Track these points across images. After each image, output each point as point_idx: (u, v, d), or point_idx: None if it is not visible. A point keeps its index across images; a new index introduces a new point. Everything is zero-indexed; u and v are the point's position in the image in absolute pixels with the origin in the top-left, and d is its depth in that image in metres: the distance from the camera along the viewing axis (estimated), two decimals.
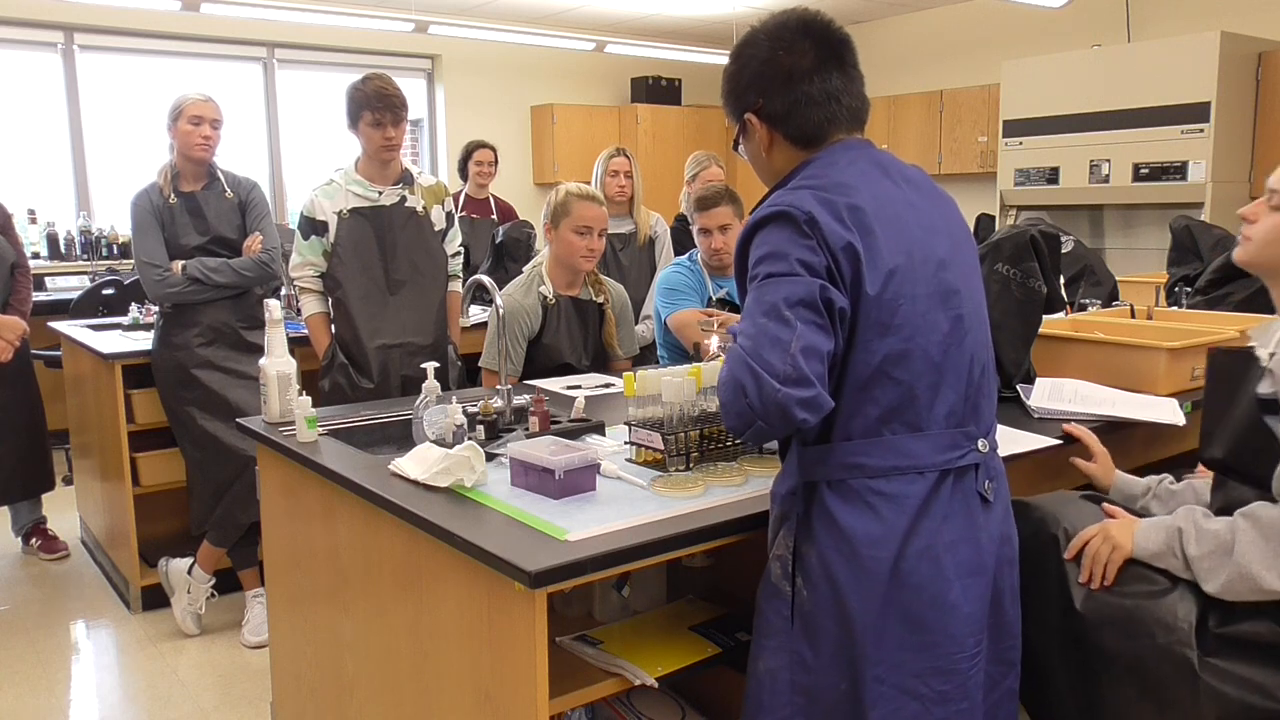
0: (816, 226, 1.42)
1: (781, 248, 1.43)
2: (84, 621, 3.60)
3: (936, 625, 1.48)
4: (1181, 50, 5.46)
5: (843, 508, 1.48)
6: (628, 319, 3.26)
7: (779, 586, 1.55)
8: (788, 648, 1.53)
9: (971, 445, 1.53)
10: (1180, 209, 5.08)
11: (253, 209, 3.42)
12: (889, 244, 1.46)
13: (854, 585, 1.46)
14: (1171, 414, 2.31)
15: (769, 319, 1.39)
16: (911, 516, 1.46)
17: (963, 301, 1.53)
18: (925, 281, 1.49)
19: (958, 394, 1.51)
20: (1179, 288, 3.68)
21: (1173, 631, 1.57)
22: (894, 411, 1.47)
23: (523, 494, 1.79)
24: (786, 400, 1.35)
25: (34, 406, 4.01)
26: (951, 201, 1.65)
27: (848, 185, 1.49)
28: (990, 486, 1.56)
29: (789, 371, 1.35)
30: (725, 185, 3.42)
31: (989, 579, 1.54)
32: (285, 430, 2.30)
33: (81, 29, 6.37)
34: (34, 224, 6.22)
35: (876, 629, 1.46)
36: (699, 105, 8.70)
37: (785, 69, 1.56)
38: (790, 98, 1.56)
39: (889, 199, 1.51)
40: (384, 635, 1.92)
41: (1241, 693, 1.51)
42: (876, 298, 1.44)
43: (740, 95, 1.62)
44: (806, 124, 1.57)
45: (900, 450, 1.47)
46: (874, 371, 1.45)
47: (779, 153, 1.61)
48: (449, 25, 6.37)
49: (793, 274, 1.40)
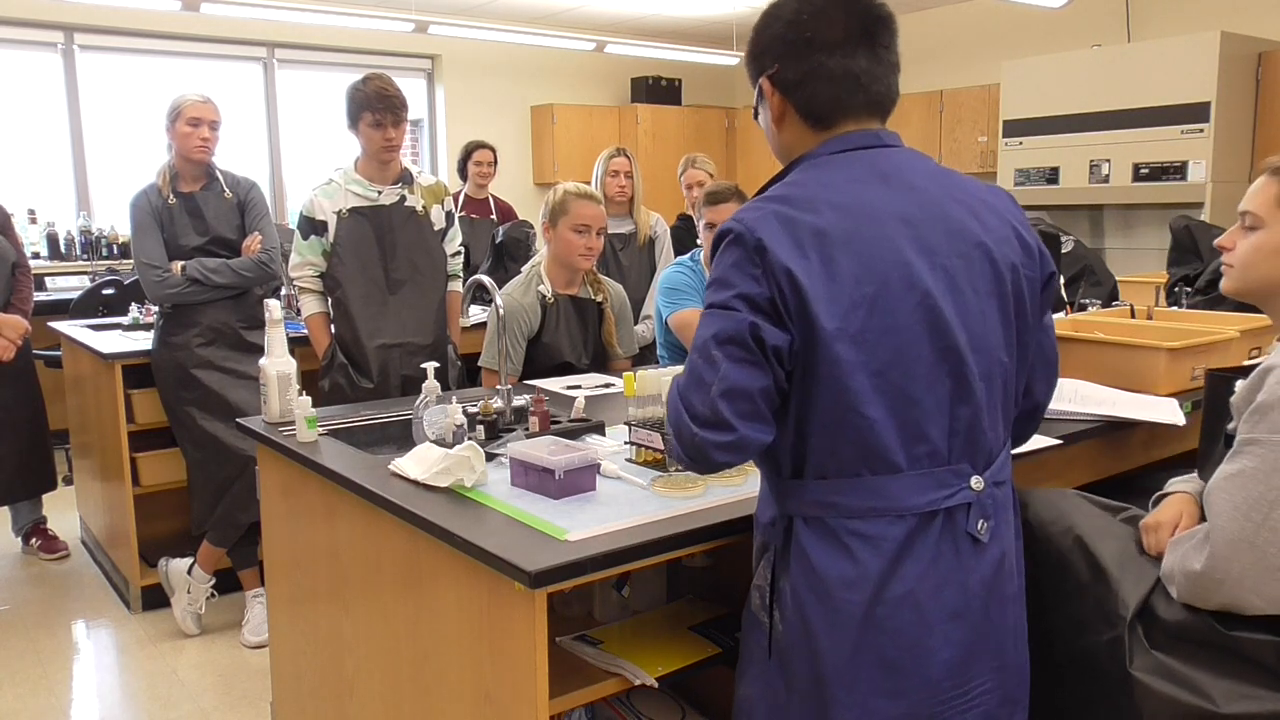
0: (765, 254, 1.33)
1: (727, 275, 1.37)
2: (84, 621, 3.60)
3: (913, 671, 1.40)
4: (1181, 50, 5.46)
5: (817, 546, 1.40)
6: (627, 318, 3.26)
7: (758, 617, 1.50)
8: (764, 679, 1.49)
9: (962, 484, 1.41)
10: (1180, 209, 5.07)
11: (252, 209, 3.43)
12: (857, 271, 1.34)
13: (825, 626, 1.39)
14: (1171, 414, 2.31)
15: (699, 357, 1.36)
16: (889, 559, 1.38)
17: (956, 331, 1.38)
18: (905, 310, 1.36)
19: (945, 430, 1.40)
20: (1179, 288, 3.68)
21: (1112, 626, 1.58)
22: (870, 450, 1.37)
23: (523, 494, 1.79)
24: (704, 444, 1.34)
25: (35, 406, 4.01)
26: (990, 206, 1.48)
27: (822, 202, 1.38)
28: (985, 526, 1.43)
29: (707, 415, 1.33)
30: (734, 183, 3.44)
31: (975, 622, 1.44)
32: (285, 430, 2.30)
33: (81, 29, 6.36)
34: (34, 224, 6.21)
35: (848, 673, 1.39)
36: (699, 105, 8.70)
37: (807, 35, 1.43)
38: (805, 67, 1.44)
39: (873, 217, 1.38)
40: (384, 635, 1.92)
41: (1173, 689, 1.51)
42: (838, 331, 1.33)
43: (758, 57, 1.50)
44: (816, 100, 1.45)
45: (878, 491, 1.38)
46: (842, 409, 1.35)
47: (789, 127, 1.50)
48: (449, 25, 6.37)
49: (726, 308, 1.35)
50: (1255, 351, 2.76)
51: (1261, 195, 1.69)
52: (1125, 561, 1.68)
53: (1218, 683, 1.49)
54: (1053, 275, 1.54)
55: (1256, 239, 1.69)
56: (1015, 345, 1.48)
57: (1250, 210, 1.70)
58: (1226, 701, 1.47)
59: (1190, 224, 3.90)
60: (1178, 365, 2.50)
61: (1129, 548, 1.72)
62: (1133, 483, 2.28)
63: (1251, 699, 1.47)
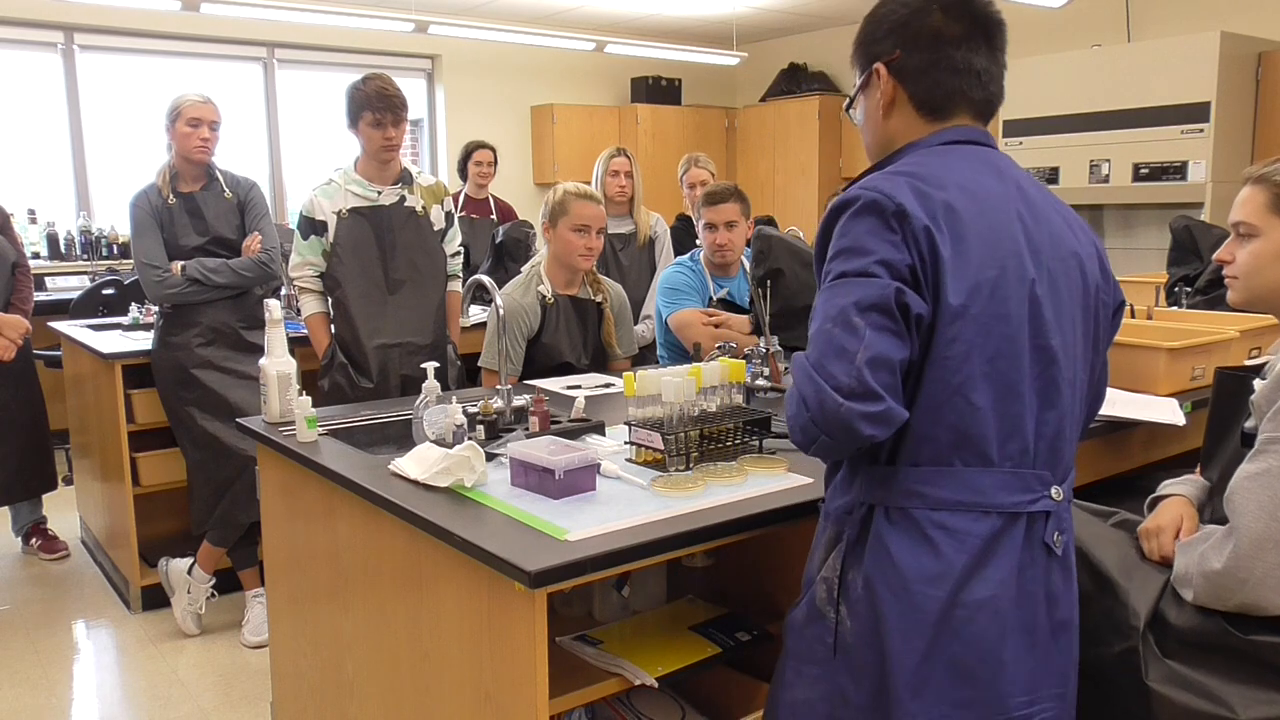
0: (906, 220, 1.29)
1: (862, 242, 1.31)
2: (84, 621, 3.60)
3: (986, 682, 1.34)
4: (1181, 50, 5.46)
5: (899, 538, 1.35)
6: (626, 318, 3.26)
7: (823, 611, 1.43)
8: (829, 679, 1.41)
9: (1045, 491, 1.38)
10: (1180, 209, 5.07)
11: (252, 209, 3.43)
12: (983, 253, 1.32)
13: (899, 624, 1.34)
14: (1171, 414, 2.31)
15: (836, 326, 1.28)
16: (972, 557, 1.33)
17: (1052, 333, 1.37)
18: (1017, 300, 1.34)
19: (1036, 431, 1.37)
20: (1179, 288, 3.68)
21: (1124, 636, 1.57)
22: (967, 439, 1.33)
23: (523, 494, 1.79)
24: (850, 415, 1.25)
25: (36, 406, 4.01)
26: (1079, 224, 1.49)
27: (950, 181, 1.35)
28: (1060, 539, 1.41)
29: (853, 385, 1.25)
30: (733, 183, 3.44)
31: (1043, 640, 1.40)
32: (285, 430, 2.30)
33: (81, 29, 6.36)
34: (34, 224, 6.21)
35: (917, 677, 1.33)
36: (699, 105, 8.70)
37: (935, 26, 1.42)
38: (931, 56, 1.43)
39: (994, 204, 1.37)
40: (384, 635, 1.92)
41: (1189, 697, 1.50)
42: (960, 309, 1.30)
43: (876, 42, 1.47)
44: (938, 89, 1.43)
45: (969, 484, 1.34)
46: (950, 391, 1.31)
47: (899, 116, 1.47)
48: (449, 25, 6.37)
49: (867, 274, 1.28)
50: (1256, 351, 2.77)
51: (1251, 204, 1.69)
52: (1129, 569, 1.66)
53: (1235, 689, 1.48)
54: (1122, 304, 1.55)
55: (1254, 247, 1.69)
56: (1089, 364, 1.48)
57: (1242, 220, 1.70)
58: (1245, 708, 1.46)
59: (1190, 224, 3.90)
60: (1178, 365, 2.50)
61: (1129, 554, 1.70)
62: (1132, 483, 2.28)
63: (1269, 704, 1.47)
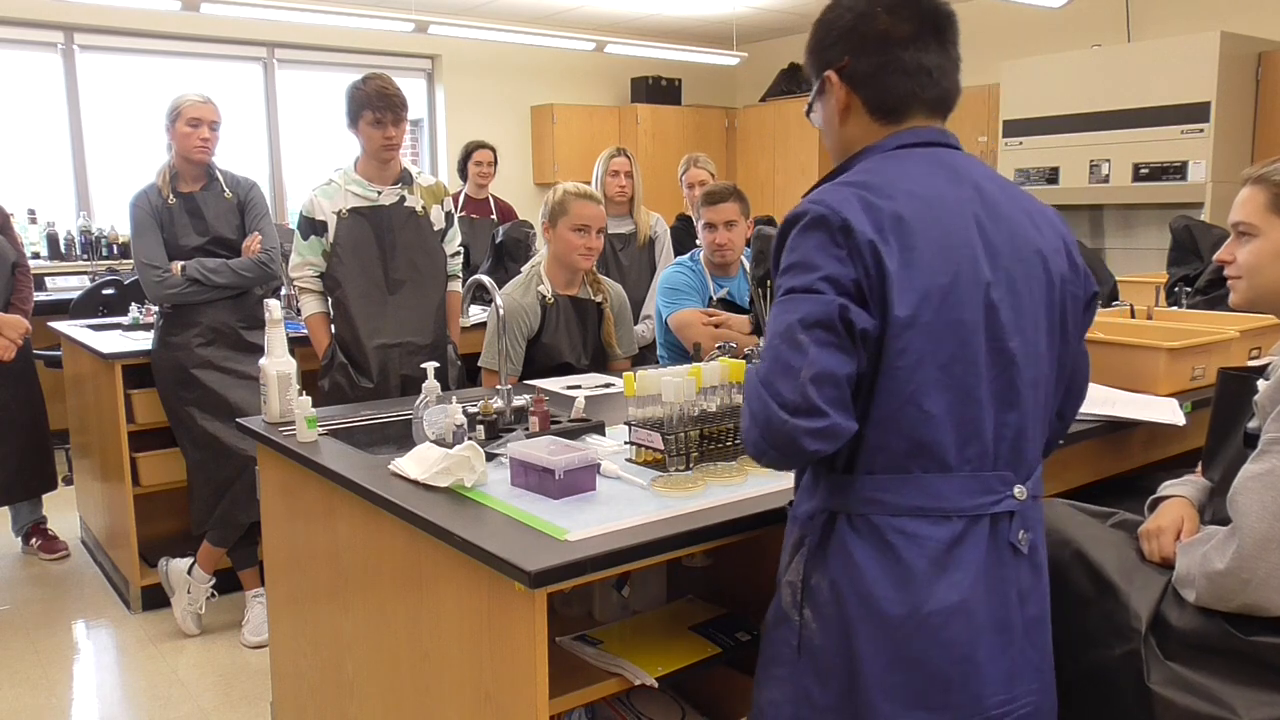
0: (851, 235, 1.31)
1: (809, 257, 1.33)
2: (84, 621, 3.60)
3: (960, 685, 1.36)
4: (1181, 50, 5.46)
5: (860, 544, 1.37)
6: (626, 318, 3.26)
7: (788, 614, 1.45)
8: (794, 680, 1.43)
9: (1007, 491, 1.40)
10: (1180, 209, 5.07)
11: (252, 209, 3.43)
12: (934, 261, 1.33)
13: (865, 629, 1.36)
14: (1171, 414, 2.31)
15: (783, 342, 1.31)
16: (934, 562, 1.35)
17: (1011, 335, 1.38)
18: (972, 305, 1.35)
19: (996, 434, 1.38)
20: (1179, 288, 3.68)
21: (1125, 639, 1.57)
22: (923, 446, 1.35)
23: (523, 494, 1.79)
24: (794, 431, 1.28)
25: (36, 406, 4.01)
26: (1046, 218, 1.48)
27: (900, 189, 1.36)
28: (1025, 537, 1.42)
29: (798, 401, 1.27)
30: (733, 183, 3.44)
31: (1018, 636, 1.42)
32: (285, 430, 2.30)
33: (81, 29, 6.36)
34: (34, 224, 6.21)
35: (887, 681, 1.35)
36: (699, 105, 8.70)
37: (882, 29, 1.42)
38: (880, 60, 1.43)
39: (947, 209, 1.37)
40: (384, 635, 1.92)
41: (1192, 700, 1.50)
42: (909, 320, 1.31)
43: (826, 49, 1.48)
44: (890, 93, 1.44)
45: (927, 490, 1.36)
46: (903, 400, 1.33)
47: (854, 122, 1.48)
48: (449, 25, 6.37)
49: (812, 291, 1.31)
50: (1256, 351, 2.77)
51: (1250, 204, 1.70)
52: (1129, 571, 1.66)
53: (1237, 691, 1.48)
54: (1095, 295, 1.53)
55: (1254, 247, 1.69)
56: (1057, 360, 1.48)
57: (1242, 220, 1.70)
58: (1247, 709, 1.46)
59: (1190, 224, 3.90)
60: (1178, 365, 2.50)
61: (1129, 556, 1.70)
62: (1132, 483, 2.28)
63: (1272, 705, 1.46)
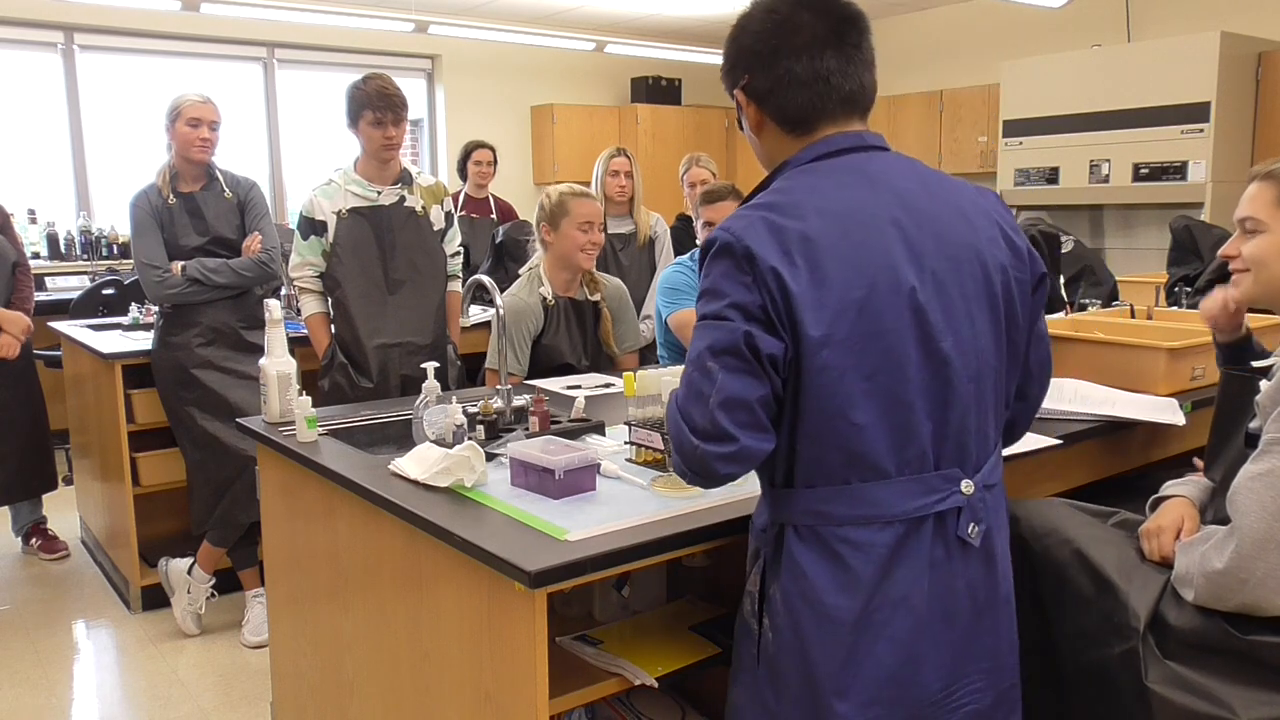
0: (754, 262, 1.33)
1: (718, 285, 1.36)
2: (84, 621, 3.60)
3: (909, 677, 1.41)
4: (1181, 50, 5.46)
5: (808, 554, 1.40)
6: (627, 313, 3.26)
7: (749, 624, 1.49)
8: (753, 686, 1.47)
9: (952, 488, 1.42)
10: (1180, 209, 5.07)
11: (252, 209, 3.43)
12: (846, 276, 1.34)
13: (817, 634, 1.39)
14: (1171, 414, 2.31)
15: (695, 369, 1.35)
16: (880, 566, 1.38)
17: (942, 336, 1.38)
18: (894, 314, 1.35)
19: (934, 435, 1.40)
20: (1179, 288, 3.68)
21: (1124, 638, 1.57)
22: (857, 457, 1.37)
23: (523, 494, 1.79)
24: (706, 456, 1.33)
25: (36, 406, 4.01)
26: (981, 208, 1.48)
27: (809, 208, 1.37)
28: (975, 530, 1.44)
29: (707, 427, 1.32)
30: (730, 183, 3.45)
31: (966, 625, 1.45)
32: (285, 430, 2.30)
33: (81, 29, 6.36)
34: (34, 224, 6.21)
35: (841, 680, 1.39)
36: (699, 105, 8.70)
37: (773, 44, 1.43)
38: (773, 75, 1.44)
39: (861, 221, 1.37)
40: (384, 635, 1.92)
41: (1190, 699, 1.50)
42: (823, 339, 1.33)
43: (730, 71, 1.51)
44: (790, 106, 1.44)
45: (866, 499, 1.38)
46: (830, 415, 1.35)
47: (768, 136, 1.50)
48: (449, 25, 6.37)
49: (720, 319, 1.34)
50: None
51: (1259, 199, 1.69)
52: (1128, 570, 1.66)
53: (1235, 691, 1.48)
54: (1043, 277, 1.53)
55: (1261, 241, 1.69)
56: (1005, 347, 1.48)
57: (1250, 215, 1.70)
58: (1245, 709, 1.46)
59: (1190, 224, 3.90)
60: (1178, 365, 2.50)
61: (1129, 555, 1.70)
62: (1132, 483, 2.28)
63: (1270, 705, 1.46)
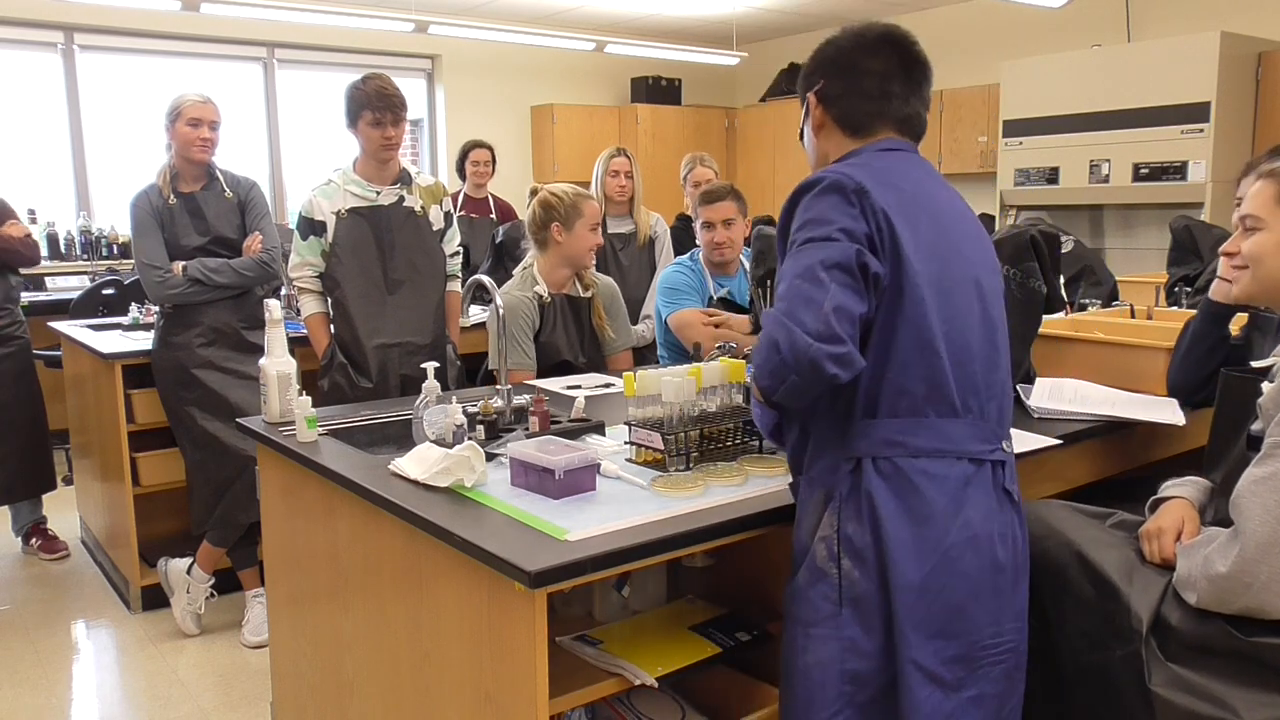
0: (866, 197, 1.47)
1: (825, 214, 1.47)
2: (84, 621, 3.60)
3: (971, 613, 1.49)
4: (1181, 50, 5.46)
5: (887, 486, 1.48)
6: (618, 308, 3.27)
7: (825, 569, 1.52)
8: (837, 635, 1.50)
9: (999, 444, 1.57)
10: (1180, 209, 5.07)
11: (252, 208, 3.43)
12: (933, 235, 1.51)
13: (899, 566, 1.46)
14: (1171, 414, 2.31)
15: (803, 280, 1.42)
16: (954, 499, 1.48)
17: (991, 305, 1.58)
18: (963, 276, 1.54)
19: (986, 392, 1.55)
20: (1179, 288, 3.68)
21: (1126, 641, 1.57)
22: (937, 390, 1.49)
23: (523, 494, 1.79)
24: (819, 354, 1.38)
25: (36, 406, 4.01)
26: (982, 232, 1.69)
27: (895, 173, 1.55)
28: (1014, 489, 1.58)
29: (821, 328, 1.38)
30: (730, 183, 3.45)
31: (1010, 576, 1.55)
32: (285, 430, 2.30)
33: (81, 29, 6.36)
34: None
35: (917, 612, 1.46)
36: (699, 105, 8.70)
37: (852, 60, 1.63)
38: (845, 83, 1.63)
39: (931, 195, 1.57)
40: (384, 635, 1.92)
41: (1193, 701, 1.50)
42: (923, 271, 1.47)
43: (808, 76, 1.69)
44: (854, 113, 1.63)
45: (941, 433, 1.49)
46: (921, 346, 1.47)
47: (827, 137, 1.67)
48: (449, 25, 6.37)
49: (830, 239, 1.44)
50: None
51: (1260, 197, 1.69)
52: (1129, 572, 1.66)
53: (1238, 693, 1.48)
54: None
55: (1261, 239, 1.68)
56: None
57: (1251, 213, 1.70)
58: (1248, 711, 1.46)
59: (1190, 224, 3.89)
60: None
61: (1129, 557, 1.70)
62: (1133, 483, 2.28)
63: (1273, 707, 1.46)
